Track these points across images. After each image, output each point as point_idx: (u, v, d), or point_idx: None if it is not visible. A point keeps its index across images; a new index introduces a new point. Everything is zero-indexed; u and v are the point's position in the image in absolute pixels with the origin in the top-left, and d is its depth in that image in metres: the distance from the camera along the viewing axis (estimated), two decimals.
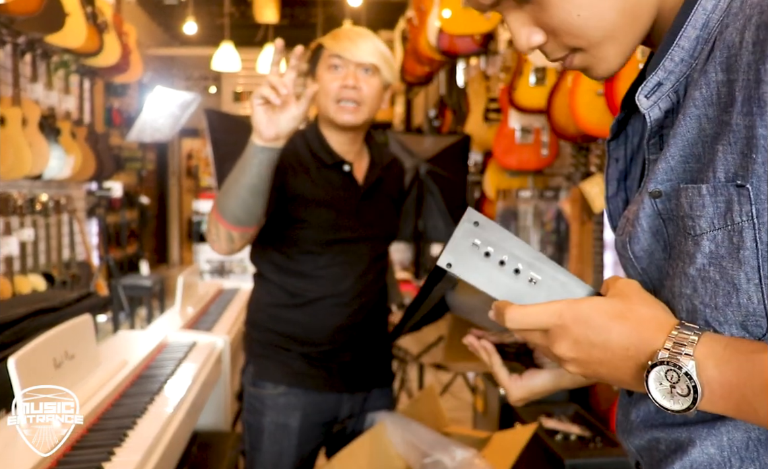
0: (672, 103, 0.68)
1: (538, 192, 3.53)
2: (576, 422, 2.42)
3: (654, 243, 0.69)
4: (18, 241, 4.24)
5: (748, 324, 0.59)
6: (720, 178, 0.60)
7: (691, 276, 0.62)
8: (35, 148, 4.21)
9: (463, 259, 0.69)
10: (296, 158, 1.73)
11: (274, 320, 1.80)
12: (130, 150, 7.37)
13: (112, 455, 1.60)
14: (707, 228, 0.61)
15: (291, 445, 1.79)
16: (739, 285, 0.59)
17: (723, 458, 0.63)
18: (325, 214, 1.72)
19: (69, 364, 1.91)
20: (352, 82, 1.68)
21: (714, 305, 0.61)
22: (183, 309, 3.10)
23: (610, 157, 0.78)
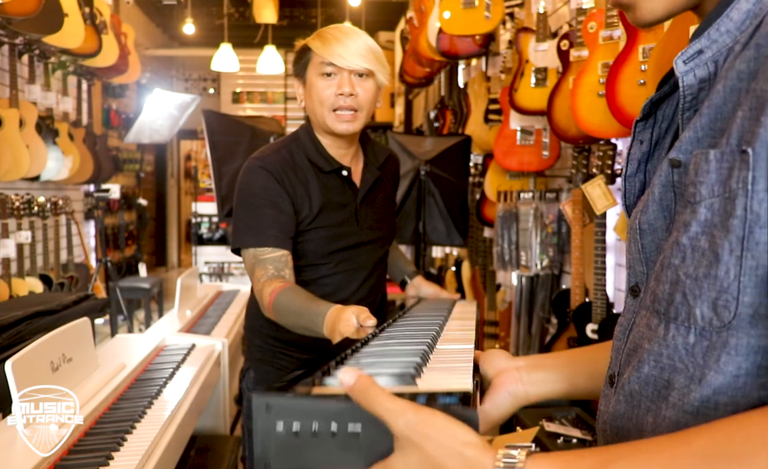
0: (709, 72, 0.67)
1: (539, 194, 3.52)
2: (577, 425, 2.40)
3: (660, 217, 0.68)
4: (15, 243, 4.22)
5: (719, 303, 0.58)
6: (732, 143, 0.59)
7: (682, 245, 0.61)
8: (33, 149, 4.20)
9: (279, 452, 0.59)
10: (294, 171, 1.70)
11: (275, 326, 1.73)
12: (129, 151, 7.35)
13: (110, 460, 1.58)
14: (707, 195, 0.59)
15: None
16: (721, 255, 0.57)
17: None
18: (325, 223, 1.70)
19: (67, 367, 1.89)
20: (348, 90, 1.63)
21: (695, 276, 0.60)
22: (181, 312, 3.08)
23: (635, 138, 0.77)
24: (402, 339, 1.05)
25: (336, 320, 1.36)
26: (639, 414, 0.67)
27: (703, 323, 0.60)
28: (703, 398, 0.60)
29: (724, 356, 0.59)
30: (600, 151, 2.77)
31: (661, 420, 0.64)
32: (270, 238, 1.62)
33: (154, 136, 6.10)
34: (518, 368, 0.92)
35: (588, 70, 2.74)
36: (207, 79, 9.80)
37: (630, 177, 0.77)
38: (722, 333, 0.59)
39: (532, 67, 3.32)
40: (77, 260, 5.25)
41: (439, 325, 1.21)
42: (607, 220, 2.79)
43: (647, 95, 2.53)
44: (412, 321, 1.29)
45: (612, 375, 0.75)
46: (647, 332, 0.67)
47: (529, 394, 0.91)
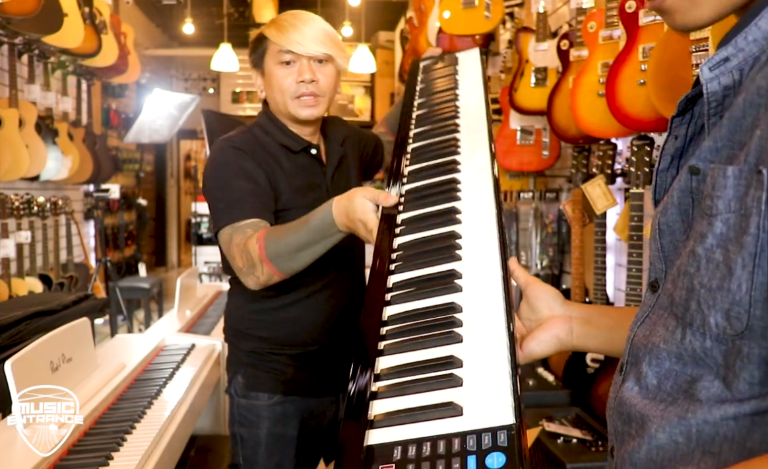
0: (734, 80, 0.67)
1: (539, 193, 3.52)
2: (577, 426, 2.40)
3: (678, 220, 0.69)
4: (15, 243, 4.22)
5: (732, 314, 0.60)
6: (750, 162, 0.60)
7: (698, 255, 0.63)
8: (32, 149, 4.19)
9: None
10: (265, 152, 1.65)
11: (262, 326, 1.71)
12: (128, 151, 7.35)
13: (110, 460, 1.58)
14: (723, 209, 0.61)
15: (289, 455, 1.72)
16: (734, 270, 0.59)
17: (689, 449, 0.64)
18: (300, 204, 1.62)
19: (66, 367, 1.89)
20: (309, 77, 1.61)
21: (709, 287, 0.62)
22: (181, 312, 3.08)
23: (671, 133, 0.77)
24: (425, 258, 1.01)
25: (349, 210, 1.29)
26: (650, 406, 0.69)
27: (718, 331, 0.62)
28: (723, 396, 0.63)
29: (739, 362, 0.61)
30: (600, 151, 2.77)
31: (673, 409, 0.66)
32: (247, 210, 1.53)
33: (154, 136, 6.10)
34: (571, 317, 0.99)
35: (588, 70, 2.73)
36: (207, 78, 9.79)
37: (662, 172, 0.78)
38: (736, 341, 0.61)
39: (532, 66, 3.32)
40: (77, 259, 5.25)
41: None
42: (607, 220, 2.79)
43: (647, 95, 2.54)
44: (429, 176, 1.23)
45: (622, 364, 0.77)
46: (665, 334, 0.68)
47: (574, 344, 1.00)
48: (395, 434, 0.73)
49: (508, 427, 0.68)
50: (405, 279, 0.98)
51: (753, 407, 0.61)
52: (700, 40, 2.05)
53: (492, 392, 0.74)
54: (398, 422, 0.74)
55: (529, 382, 2.82)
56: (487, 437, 0.67)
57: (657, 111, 2.28)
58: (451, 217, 1.07)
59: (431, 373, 0.79)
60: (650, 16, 2.39)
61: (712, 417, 0.63)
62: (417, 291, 0.94)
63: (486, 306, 0.88)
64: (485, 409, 0.72)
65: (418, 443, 0.70)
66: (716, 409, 0.63)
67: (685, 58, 2.11)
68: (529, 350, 0.99)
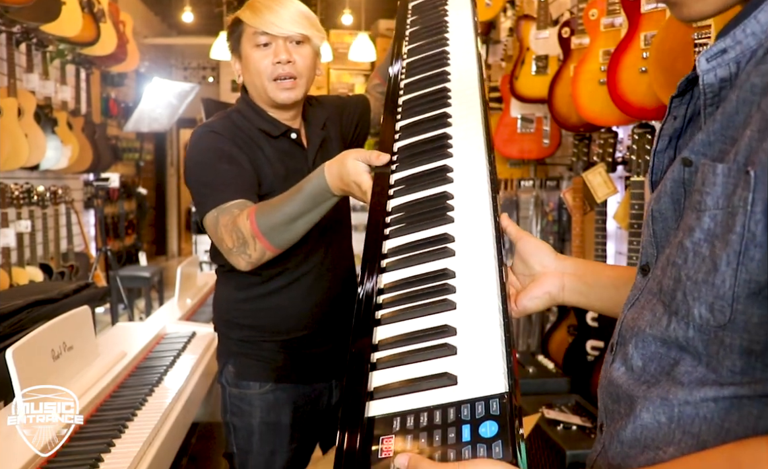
0: (730, 73, 0.68)
1: (540, 182, 3.51)
2: (577, 413, 2.41)
3: (670, 209, 0.71)
4: (15, 232, 4.22)
5: (715, 307, 0.62)
6: (740, 161, 0.61)
7: (686, 247, 0.64)
8: (32, 138, 4.18)
9: None
10: (245, 137, 1.63)
11: (250, 314, 1.70)
12: (128, 140, 7.33)
13: (112, 447, 1.59)
14: (711, 206, 0.62)
15: (283, 443, 1.72)
16: (719, 265, 0.61)
17: (670, 429, 0.67)
18: (284, 188, 1.51)
19: (67, 355, 1.89)
20: (285, 58, 1.59)
21: (695, 280, 0.63)
22: (182, 300, 3.09)
23: (669, 113, 0.78)
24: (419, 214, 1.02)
25: (342, 174, 1.28)
26: (635, 387, 0.71)
27: (701, 322, 0.64)
28: (704, 379, 0.65)
29: (722, 352, 0.63)
30: (601, 139, 2.76)
31: (656, 390, 0.68)
32: (232, 192, 1.49)
33: (154, 125, 6.09)
34: (563, 273, 1.01)
35: (589, 58, 2.73)
36: (206, 67, 9.76)
37: (659, 152, 0.78)
38: (718, 333, 0.63)
39: (533, 54, 3.31)
40: (77, 249, 5.25)
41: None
42: (608, 209, 2.79)
43: (649, 83, 2.53)
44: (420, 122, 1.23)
45: (612, 344, 0.78)
46: (651, 319, 0.70)
47: (565, 300, 1.01)
48: (394, 405, 0.75)
49: (500, 395, 0.71)
50: (399, 245, 0.98)
51: (732, 392, 0.63)
52: (703, 28, 2.04)
53: (485, 360, 0.76)
54: (396, 393, 0.76)
55: (529, 369, 2.83)
56: (480, 406, 0.70)
57: (658, 99, 2.27)
58: (443, 176, 1.07)
59: (427, 342, 0.81)
60: (652, 4, 2.38)
61: (692, 398, 0.65)
62: (411, 257, 0.95)
63: (478, 270, 0.89)
64: (479, 377, 0.74)
65: (416, 413, 0.73)
66: (697, 391, 0.65)
67: (687, 46, 2.10)
68: (522, 306, 1.01)
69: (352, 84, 7.96)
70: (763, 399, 0.61)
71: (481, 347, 0.78)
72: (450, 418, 0.71)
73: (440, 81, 1.32)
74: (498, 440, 0.67)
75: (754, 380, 0.61)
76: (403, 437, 0.71)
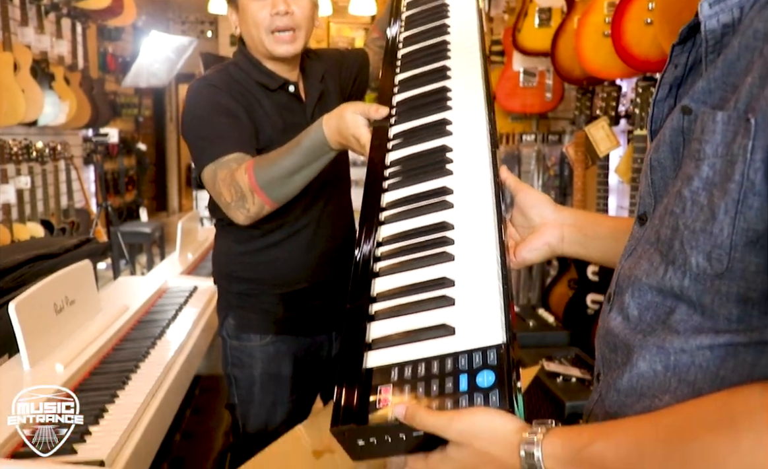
0: (733, 18, 0.66)
1: (542, 136, 3.49)
2: (576, 365, 2.43)
3: (669, 158, 0.70)
4: (15, 188, 4.21)
5: (713, 256, 0.62)
6: (740, 108, 0.60)
7: (684, 196, 0.64)
8: (28, 94, 4.14)
9: (363, 453, 0.74)
10: (243, 90, 1.60)
11: (249, 267, 1.70)
12: (126, 96, 7.25)
13: (116, 398, 1.61)
14: (710, 154, 0.62)
15: (284, 394, 1.74)
16: (717, 214, 0.61)
17: (666, 377, 0.67)
18: (282, 141, 1.51)
19: (70, 309, 1.90)
20: (283, 9, 1.54)
21: (693, 229, 0.63)
22: (183, 255, 3.10)
23: (671, 61, 0.77)
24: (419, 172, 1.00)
25: (341, 127, 1.27)
26: (632, 336, 0.71)
27: (698, 271, 0.64)
28: (700, 327, 0.65)
29: (717, 300, 0.63)
30: (604, 93, 2.73)
31: (652, 339, 0.69)
32: (230, 145, 1.48)
33: (152, 80, 6.02)
34: (562, 224, 1.00)
35: (593, 10, 2.68)
36: (204, 22, 9.59)
37: (659, 101, 0.77)
38: (715, 281, 0.63)
39: (536, 6, 3.25)
40: (78, 205, 5.24)
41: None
42: (610, 163, 2.77)
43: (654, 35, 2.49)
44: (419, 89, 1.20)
45: (610, 294, 0.78)
46: (648, 268, 0.70)
47: (564, 251, 1.01)
48: (392, 355, 0.76)
49: (497, 346, 0.71)
50: (398, 198, 0.98)
51: (728, 339, 0.63)
52: None
53: (483, 311, 0.76)
54: (394, 344, 0.77)
55: (530, 323, 2.85)
56: (478, 356, 0.71)
57: (663, 51, 2.23)
58: (442, 129, 1.06)
59: (425, 294, 0.81)
60: None
61: (688, 346, 0.65)
62: (410, 210, 0.95)
63: (477, 223, 0.89)
64: (476, 328, 0.75)
65: (414, 364, 0.73)
66: (693, 339, 0.65)
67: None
68: (521, 258, 1.01)
69: (352, 38, 7.84)
70: (759, 346, 0.61)
71: (479, 298, 0.78)
72: (447, 368, 0.72)
73: (440, 34, 1.30)
74: (495, 389, 0.68)
75: (750, 327, 0.62)
76: (401, 387, 0.72)
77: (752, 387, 0.58)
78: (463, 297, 0.79)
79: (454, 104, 1.12)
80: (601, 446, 0.64)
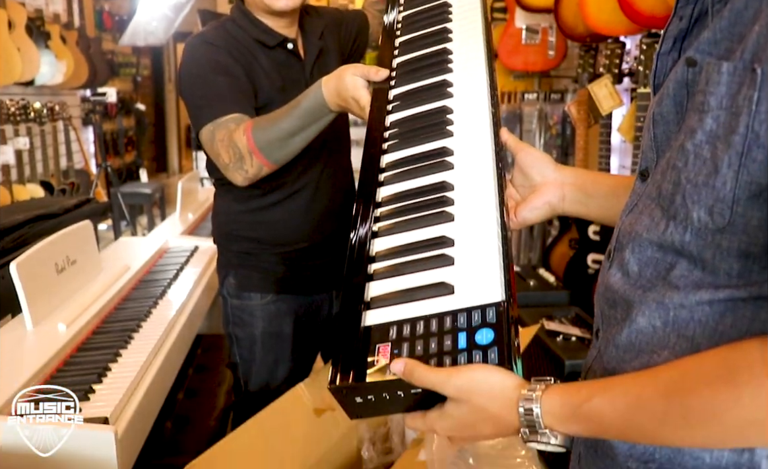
0: None
1: (544, 95, 3.45)
2: (576, 324, 2.44)
3: (672, 112, 0.69)
4: (13, 149, 4.18)
5: (715, 210, 0.61)
6: (746, 58, 0.59)
7: (687, 150, 0.63)
8: (24, 52, 4.09)
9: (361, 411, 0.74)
10: (241, 47, 1.57)
11: (249, 226, 1.70)
12: (124, 55, 7.17)
13: (119, 356, 1.62)
14: (715, 106, 0.61)
15: (285, 352, 1.75)
16: (720, 168, 0.60)
17: (665, 333, 0.67)
18: (281, 99, 1.52)
19: (71, 269, 1.91)
20: None
21: (695, 183, 0.62)
22: (183, 215, 3.09)
23: (675, 14, 0.75)
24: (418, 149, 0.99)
25: (340, 88, 1.26)
26: (631, 291, 0.71)
27: (699, 225, 0.63)
28: (700, 282, 0.65)
29: (718, 255, 0.63)
30: (608, 50, 2.69)
31: (651, 295, 0.69)
32: (228, 105, 1.47)
33: (149, 39, 5.93)
34: (563, 183, 0.99)
35: None
36: None
37: (663, 55, 0.75)
38: (716, 235, 0.62)
39: None
40: (77, 166, 5.21)
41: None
42: (613, 122, 2.75)
43: None
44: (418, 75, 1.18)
45: (610, 250, 0.78)
46: (649, 223, 0.70)
47: (566, 210, 0.99)
48: (391, 314, 0.76)
49: (496, 304, 0.71)
50: (397, 159, 0.98)
51: (728, 295, 0.63)
52: None
53: (482, 270, 0.76)
54: (393, 303, 0.77)
55: (530, 282, 2.86)
56: (477, 314, 0.71)
57: (669, 5, 2.19)
58: (442, 90, 1.05)
59: (424, 253, 0.81)
60: None
61: (688, 302, 0.65)
62: (409, 170, 0.94)
63: (477, 183, 0.88)
64: (476, 286, 0.74)
65: (412, 322, 0.74)
66: (692, 294, 0.65)
67: None
68: (522, 218, 1.00)
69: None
70: (758, 302, 0.61)
71: (478, 258, 0.78)
72: (446, 326, 0.72)
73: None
74: (494, 347, 0.68)
75: (750, 282, 0.62)
76: (399, 345, 0.72)
77: (751, 342, 0.58)
78: (462, 256, 0.79)
79: (454, 66, 1.10)
80: (599, 401, 0.64)
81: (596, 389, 0.66)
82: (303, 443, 1.61)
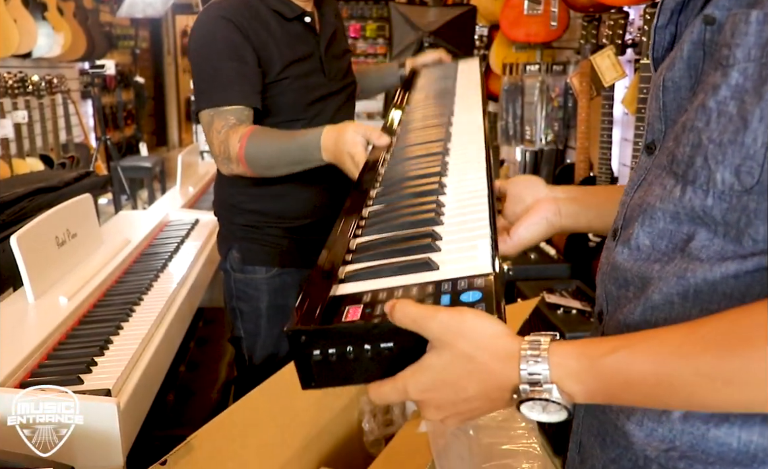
0: None
1: (546, 66, 3.41)
2: (577, 297, 2.44)
3: (685, 75, 0.66)
4: (12, 123, 4.16)
5: (743, 169, 0.58)
6: None
7: (709, 108, 0.60)
8: (21, 24, 4.05)
9: (320, 374, 0.64)
10: (257, 19, 1.58)
11: (255, 199, 1.70)
12: (122, 27, 7.11)
13: (120, 329, 1.62)
14: (742, 59, 0.57)
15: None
16: (750, 122, 0.57)
17: (684, 307, 0.63)
18: (295, 74, 1.58)
19: (72, 242, 1.90)
20: None
21: (719, 142, 0.59)
22: (184, 188, 3.09)
23: None
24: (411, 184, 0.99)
25: (339, 141, 1.30)
26: (646, 266, 0.68)
27: (723, 188, 0.60)
28: (724, 253, 0.61)
29: (744, 219, 0.59)
30: (611, 20, 2.66)
31: (671, 268, 0.65)
32: (232, 95, 1.52)
33: (148, 10, 5.88)
34: (557, 199, 0.96)
35: None
36: None
37: (660, 28, 0.73)
38: (742, 197, 0.59)
39: None
40: (77, 140, 5.19)
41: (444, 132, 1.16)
42: (615, 93, 2.72)
43: None
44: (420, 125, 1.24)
45: (616, 229, 0.75)
46: (661, 192, 0.66)
47: (564, 225, 0.96)
48: (366, 286, 0.70)
49: (485, 274, 0.66)
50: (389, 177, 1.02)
51: (755, 264, 0.59)
52: None
53: (470, 254, 0.73)
54: (370, 277, 0.72)
55: (531, 255, 2.85)
56: (464, 282, 0.66)
57: None
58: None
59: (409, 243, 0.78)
60: None
61: (712, 275, 0.61)
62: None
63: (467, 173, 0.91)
64: (462, 266, 0.70)
65: (390, 290, 0.67)
66: (717, 267, 0.61)
67: None
68: (518, 237, 0.94)
69: None
70: None
71: (466, 245, 0.75)
72: (428, 291, 0.66)
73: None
74: (481, 303, 0.62)
75: None
76: (374, 306, 0.65)
77: (762, 303, 0.55)
78: (449, 247, 0.76)
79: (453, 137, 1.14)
80: (624, 355, 0.58)
81: (621, 343, 0.59)
82: (304, 414, 1.62)
